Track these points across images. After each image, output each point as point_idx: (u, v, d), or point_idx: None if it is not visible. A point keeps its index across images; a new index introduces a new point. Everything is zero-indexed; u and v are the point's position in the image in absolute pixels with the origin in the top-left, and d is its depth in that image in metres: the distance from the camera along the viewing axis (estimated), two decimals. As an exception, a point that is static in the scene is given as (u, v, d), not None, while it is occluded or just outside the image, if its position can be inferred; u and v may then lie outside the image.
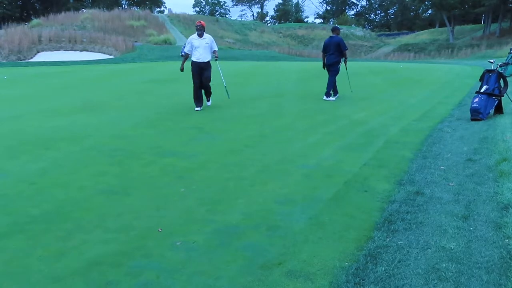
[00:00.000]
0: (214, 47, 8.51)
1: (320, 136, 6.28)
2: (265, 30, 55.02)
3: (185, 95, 10.81)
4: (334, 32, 10.06)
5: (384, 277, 2.46)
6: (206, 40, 8.38)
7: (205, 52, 8.34)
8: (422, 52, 41.97)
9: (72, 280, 2.51)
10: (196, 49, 8.33)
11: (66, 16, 39.66)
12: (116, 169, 4.69)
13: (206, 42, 8.35)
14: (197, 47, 8.32)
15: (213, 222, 3.31)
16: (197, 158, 5.13)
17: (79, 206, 3.64)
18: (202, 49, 8.29)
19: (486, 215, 3.23)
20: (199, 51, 8.30)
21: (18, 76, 16.27)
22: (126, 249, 2.88)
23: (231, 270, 2.62)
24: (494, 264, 2.53)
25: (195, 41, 8.36)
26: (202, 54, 8.29)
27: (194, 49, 8.35)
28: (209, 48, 8.38)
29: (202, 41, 8.32)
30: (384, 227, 3.14)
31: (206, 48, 8.34)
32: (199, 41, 8.33)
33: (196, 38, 8.38)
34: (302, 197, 3.82)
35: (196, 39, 8.37)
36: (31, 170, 4.62)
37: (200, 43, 8.32)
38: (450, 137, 6.02)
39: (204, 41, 8.34)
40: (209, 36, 8.51)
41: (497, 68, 7.80)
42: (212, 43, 8.45)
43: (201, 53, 8.29)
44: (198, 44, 8.32)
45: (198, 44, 8.32)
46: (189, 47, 8.40)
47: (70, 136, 6.21)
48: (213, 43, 8.49)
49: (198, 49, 8.32)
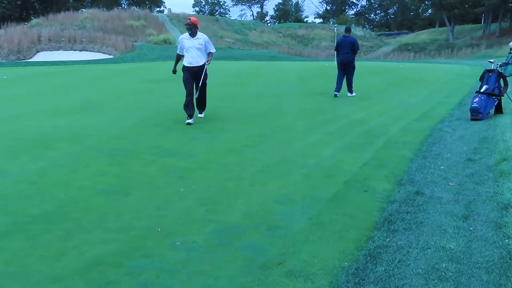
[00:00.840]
0: (210, 49, 7.16)
1: (320, 136, 6.28)
2: (265, 30, 55.01)
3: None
4: (348, 32, 10.62)
5: (384, 277, 2.46)
6: (200, 41, 7.04)
7: (199, 54, 7.01)
8: (422, 52, 41.95)
9: (72, 280, 2.50)
10: (187, 51, 7.01)
11: (66, 16, 39.68)
12: (116, 169, 4.69)
13: (200, 42, 7.02)
14: (189, 49, 7.00)
15: (213, 222, 3.31)
16: (197, 158, 5.13)
17: (79, 206, 3.64)
18: (194, 51, 6.99)
19: (486, 215, 3.23)
20: (192, 53, 6.99)
21: (17, 76, 16.27)
22: (126, 249, 2.88)
23: (231, 270, 2.62)
24: (494, 264, 2.53)
25: (186, 42, 7.05)
26: (194, 57, 6.99)
27: (185, 51, 7.04)
28: (203, 49, 7.06)
29: (194, 42, 7.00)
30: (384, 227, 3.14)
31: (200, 49, 7.01)
32: (191, 42, 7.01)
33: (188, 38, 7.07)
34: (302, 197, 3.82)
35: (188, 39, 7.06)
36: (31, 170, 4.62)
37: (192, 44, 7.00)
38: (450, 137, 6.03)
39: (197, 41, 7.02)
40: (203, 36, 7.17)
41: (497, 68, 7.80)
42: (207, 44, 7.11)
43: (194, 55, 6.99)
44: (190, 44, 7.00)
45: (190, 45, 7.00)
46: (180, 48, 7.15)
47: (70, 136, 6.21)
48: (208, 44, 7.13)
49: (190, 51, 7.00)
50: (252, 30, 52.81)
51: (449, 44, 43.59)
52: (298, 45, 50.19)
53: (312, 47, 49.69)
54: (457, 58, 34.67)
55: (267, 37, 51.31)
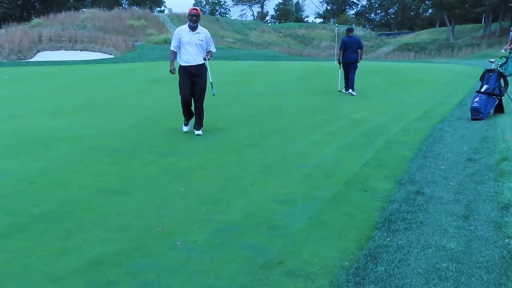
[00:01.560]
0: (211, 47, 6.21)
1: (320, 136, 6.28)
2: (265, 30, 54.99)
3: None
4: (351, 32, 10.99)
5: (385, 276, 2.46)
6: (201, 36, 6.04)
7: (198, 52, 6.05)
8: (422, 52, 41.93)
9: (72, 280, 2.50)
10: (184, 46, 6.00)
11: (67, 15, 39.67)
12: (116, 169, 4.69)
13: (200, 38, 6.03)
14: (187, 44, 5.99)
15: (213, 221, 3.31)
16: (197, 158, 5.13)
17: (79, 205, 3.64)
18: (193, 48, 6.00)
19: (487, 214, 3.22)
20: (189, 50, 5.99)
21: (18, 75, 16.27)
22: (126, 248, 2.88)
23: (231, 269, 2.62)
24: (494, 264, 2.53)
25: (184, 36, 6.01)
26: (193, 55, 6.01)
27: (182, 46, 6.03)
28: (204, 46, 6.10)
29: (194, 37, 6.00)
30: (385, 227, 3.14)
31: (200, 46, 6.04)
32: (190, 36, 5.99)
33: (187, 31, 6.03)
34: (302, 197, 3.82)
35: (187, 33, 6.02)
36: (31, 169, 4.62)
37: (191, 39, 5.99)
38: (450, 137, 6.02)
39: (197, 36, 6.02)
40: (205, 31, 6.16)
41: (498, 68, 7.80)
42: (209, 41, 6.16)
43: (192, 53, 6.01)
44: (189, 39, 5.98)
45: (188, 40, 5.98)
46: (176, 44, 6.07)
47: (70, 136, 6.21)
48: (210, 41, 6.19)
49: (187, 47, 5.99)
50: (253, 30, 52.80)
51: (449, 44, 43.56)
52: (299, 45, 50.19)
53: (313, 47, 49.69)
54: (457, 58, 34.64)
55: (268, 37, 51.31)
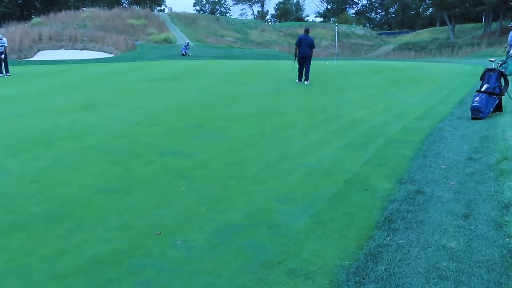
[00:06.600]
0: None
1: (320, 135, 6.28)
2: (266, 29, 54.93)
3: (186, 93, 10.81)
4: (307, 32, 13.19)
5: (385, 276, 2.46)
6: None
7: None
8: (422, 51, 41.89)
9: (73, 279, 2.51)
10: None
11: (67, 14, 39.63)
12: (117, 168, 4.69)
13: None
14: None
15: (213, 220, 3.32)
16: (197, 157, 5.13)
17: (80, 204, 3.64)
18: None
19: (487, 214, 3.22)
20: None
21: (18, 74, 16.27)
22: (127, 247, 2.89)
23: (231, 268, 2.62)
24: (494, 263, 2.53)
25: None
26: None
27: None
28: None
29: None
30: (385, 226, 3.14)
31: None
32: None
33: None
34: (303, 196, 3.82)
35: None
36: (32, 168, 4.63)
37: None
38: (450, 136, 6.02)
39: None
40: None
41: (498, 67, 7.79)
42: None
43: None
44: None
45: None
46: None
47: (71, 135, 6.21)
48: None
49: None
50: (253, 29, 52.75)
51: (449, 43, 43.50)
52: (299, 44, 50.06)
53: (313, 46, 49.55)
54: (457, 57, 34.59)
55: (268, 36, 51.26)
